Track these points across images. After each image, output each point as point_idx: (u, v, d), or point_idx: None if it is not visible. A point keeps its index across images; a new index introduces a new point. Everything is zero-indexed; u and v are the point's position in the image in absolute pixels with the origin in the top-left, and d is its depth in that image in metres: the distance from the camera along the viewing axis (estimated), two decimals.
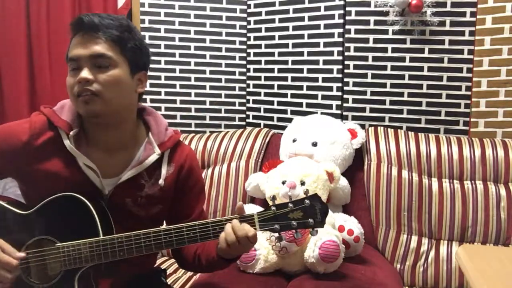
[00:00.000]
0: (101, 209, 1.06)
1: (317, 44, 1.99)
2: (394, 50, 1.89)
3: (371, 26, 1.90)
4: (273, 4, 2.09)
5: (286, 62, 2.08)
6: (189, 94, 2.20)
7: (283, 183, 1.51)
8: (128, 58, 1.09)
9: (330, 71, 1.97)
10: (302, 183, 1.50)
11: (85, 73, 1.03)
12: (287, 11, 2.06)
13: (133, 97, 1.13)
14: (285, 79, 2.09)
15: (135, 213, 1.13)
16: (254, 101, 2.20)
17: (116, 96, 1.07)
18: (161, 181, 1.14)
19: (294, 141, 1.77)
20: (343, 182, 1.67)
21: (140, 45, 1.12)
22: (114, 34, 1.06)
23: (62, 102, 1.15)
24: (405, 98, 1.90)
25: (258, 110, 2.19)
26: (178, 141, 1.21)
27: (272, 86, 2.13)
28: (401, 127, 1.89)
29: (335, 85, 1.96)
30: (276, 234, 1.02)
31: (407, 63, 1.88)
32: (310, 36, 2.01)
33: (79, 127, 1.11)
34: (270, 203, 1.03)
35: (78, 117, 1.11)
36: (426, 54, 1.86)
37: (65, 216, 1.06)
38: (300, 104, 2.06)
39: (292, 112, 2.07)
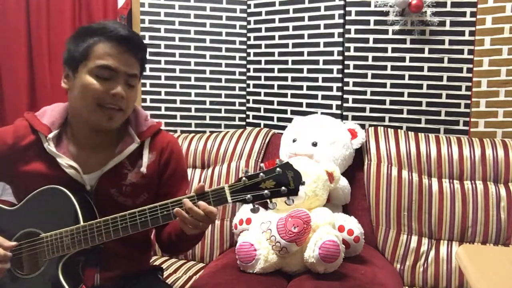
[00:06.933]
0: (83, 199, 1.09)
1: (317, 44, 1.99)
2: (394, 50, 1.89)
3: (371, 26, 1.90)
4: (273, 4, 2.09)
5: (286, 62, 2.08)
6: (189, 94, 2.20)
7: None
8: (140, 75, 1.18)
9: (330, 71, 1.97)
10: (302, 183, 1.50)
11: (122, 89, 1.09)
12: (287, 11, 2.06)
13: None
14: (285, 79, 2.09)
15: (121, 203, 1.15)
16: (254, 101, 2.20)
17: (131, 110, 1.18)
18: (142, 169, 1.17)
19: (294, 141, 1.77)
20: (343, 182, 1.67)
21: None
22: (144, 57, 1.17)
23: (44, 108, 1.22)
24: (405, 98, 1.90)
25: (258, 110, 2.19)
26: (158, 130, 1.24)
27: (272, 86, 2.13)
28: (401, 127, 1.89)
29: (335, 85, 1.96)
30: (250, 206, 1.00)
31: (407, 63, 1.88)
32: (310, 36, 2.00)
33: (59, 128, 1.16)
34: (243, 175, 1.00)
35: (59, 119, 1.17)
36: (426, 54, 1.85)
37: (48, 208, 1.09)
38: (300, 104, 2.06)
39: (292, 112, 2.07)
